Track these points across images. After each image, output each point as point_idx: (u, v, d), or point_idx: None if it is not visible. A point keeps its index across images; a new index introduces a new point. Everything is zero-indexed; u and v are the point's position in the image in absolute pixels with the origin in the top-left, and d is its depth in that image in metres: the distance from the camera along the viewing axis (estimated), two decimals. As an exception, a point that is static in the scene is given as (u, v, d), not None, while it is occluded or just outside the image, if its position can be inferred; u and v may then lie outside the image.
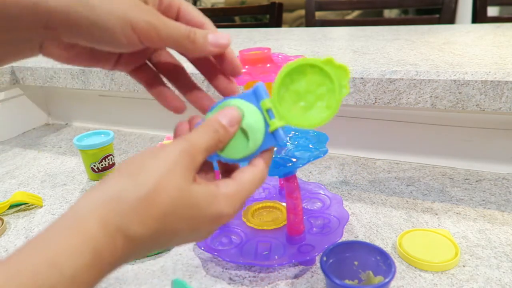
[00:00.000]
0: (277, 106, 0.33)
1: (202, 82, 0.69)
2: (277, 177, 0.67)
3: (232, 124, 0.31)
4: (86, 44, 0.29)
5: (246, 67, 0.45)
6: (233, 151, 0.32)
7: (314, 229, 0.56)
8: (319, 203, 0.63)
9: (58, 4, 0.27)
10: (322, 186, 0.66)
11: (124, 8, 0.28)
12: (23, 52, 0.30)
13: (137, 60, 0.34)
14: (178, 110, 0.35)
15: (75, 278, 0.22)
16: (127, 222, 0.25)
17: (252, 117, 0.32)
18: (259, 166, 0.32)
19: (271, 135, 0.32)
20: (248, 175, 0.31)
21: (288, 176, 0.51)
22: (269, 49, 0.46)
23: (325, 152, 0.52)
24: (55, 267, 0.21)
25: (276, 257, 0.52)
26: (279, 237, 0.55)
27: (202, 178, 0.31)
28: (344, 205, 0.65)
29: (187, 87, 0.36)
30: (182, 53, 0.33)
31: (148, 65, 0.36)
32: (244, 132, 0.32)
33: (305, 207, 0.62)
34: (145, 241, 0.26)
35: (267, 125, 0.32)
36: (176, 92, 0.37)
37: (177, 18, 0.32)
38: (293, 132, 0.57)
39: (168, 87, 0.36)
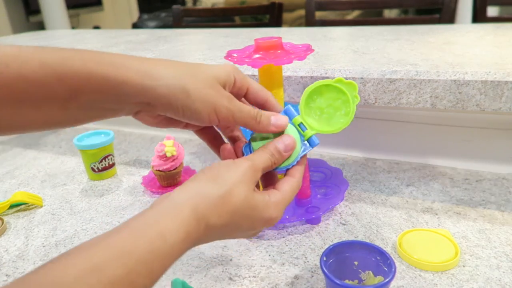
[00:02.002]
0: (306, 120, 0.42)
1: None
2: None
3: (287, 150, 0.39)
4: (176, 118, 0.37)
5: (261, 52, 0.54)
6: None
7: (318, 196, 0.65)
8: (321, 175, 0.71)
9: (164, 90, 0.35)
10: (323, 161, 0.74)
11: (211, 95, 0.36)
12: (119, 114, 0.37)
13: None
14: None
15: (173, 247, 0.30)
16: (210, 213, 0.33)
17: (291, 132, 0.40)
18: (296, 176, 0.40)
19: (305, 143, 0.41)
20: (289, 185, 0.39)
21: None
22: (280, 38, 0.54)
23: None
24: (163, 237, 0.29)
25: (287, 216, 0.60)
26: None
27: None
28: (344, 204, 0.65)
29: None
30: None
31: (211, 128, 0.44)
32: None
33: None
34: (217, 230, 0.34)
35: (301, 136, 0.41)
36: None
37: (246, 95, 0.41)
38: None
39: (227, 144, 0.43)
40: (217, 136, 0.44)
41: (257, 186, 0.40)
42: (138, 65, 0.35)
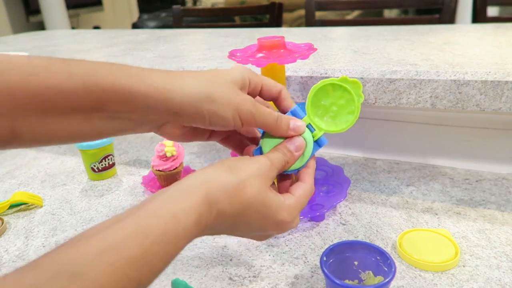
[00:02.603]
0: (313, 120, 0.42)
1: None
2: None
3: (297, 150, 0.40)
4: (201, 126, 0.37)
5: (264, 52, 0.54)
6: (293, 165, 0.40)
7: (321, 193, 0.66)
8: (323, 173, 0.71)
9: (189, 98, 0.35)
10: (324, 159, 0.75)
11: (235, 99, 0.37)
12: (143, 128, 0.37)
13: (224, 133, 0.44)
14: None
15: (186, 229, 0.30)
16: (222, 200, 0.33)
17: (305, 133, 0.41)
18: (309, 182, 0.40)
19: (315, 143, 0.41)
20: (303, 190, 0.39)
21: None
22: (283, 37, 0.55)
23: None
24: (176, 219, 0.30)
25: None
26: None
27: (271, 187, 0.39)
28: (344, 204, 0.65)
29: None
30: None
31: (234, 135, 0.44)
32: None
33: None
34: (226, 219, 0.34)
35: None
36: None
37: (260, 92, 0.41)
38: None
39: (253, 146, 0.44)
40: (242, 141, 0.44)
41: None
42: (162, 76, 0.36)
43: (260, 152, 0.41)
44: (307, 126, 0.41)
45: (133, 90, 0.34)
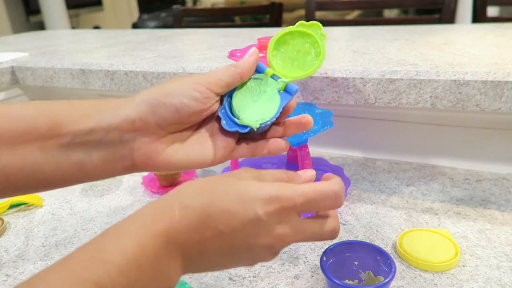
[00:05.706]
0: (276, 69, 0.40)
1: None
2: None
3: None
4: (172, 113, 0.35)
5: (264, 51, 0.54)
6: (263, 115, 0.38)
7: None
8: (323, 173, 0.69)
9: (147, 98, 0.36)
10: (324, 159, 0.75)
11: (185, 79, 0.37)
12: (106, 156, 0.35)
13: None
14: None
15: (143, 226, 0.29)
16: (183, 194, 0.31)
17: (269, 84, 0.39)
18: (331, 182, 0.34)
19: (284, 92, 0.39)
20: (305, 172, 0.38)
21: (301, 145, 0.60)
22: None
23: (332, 124, 0.61)
24: (129, 218, 0.30)
25: None
26: None
27: None
28: (344, 204, 0.65)
29: None
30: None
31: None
32: (269, 100, 0.39)
33: None
34: (198, 212, 0.29)
35: (279, 93, 0.40)
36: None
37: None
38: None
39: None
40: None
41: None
42: (117, 99, 0.37)
43: (227, 107, 0.38)
44: (272, 77, 0.40)
45: (89, 104, 0.35)
